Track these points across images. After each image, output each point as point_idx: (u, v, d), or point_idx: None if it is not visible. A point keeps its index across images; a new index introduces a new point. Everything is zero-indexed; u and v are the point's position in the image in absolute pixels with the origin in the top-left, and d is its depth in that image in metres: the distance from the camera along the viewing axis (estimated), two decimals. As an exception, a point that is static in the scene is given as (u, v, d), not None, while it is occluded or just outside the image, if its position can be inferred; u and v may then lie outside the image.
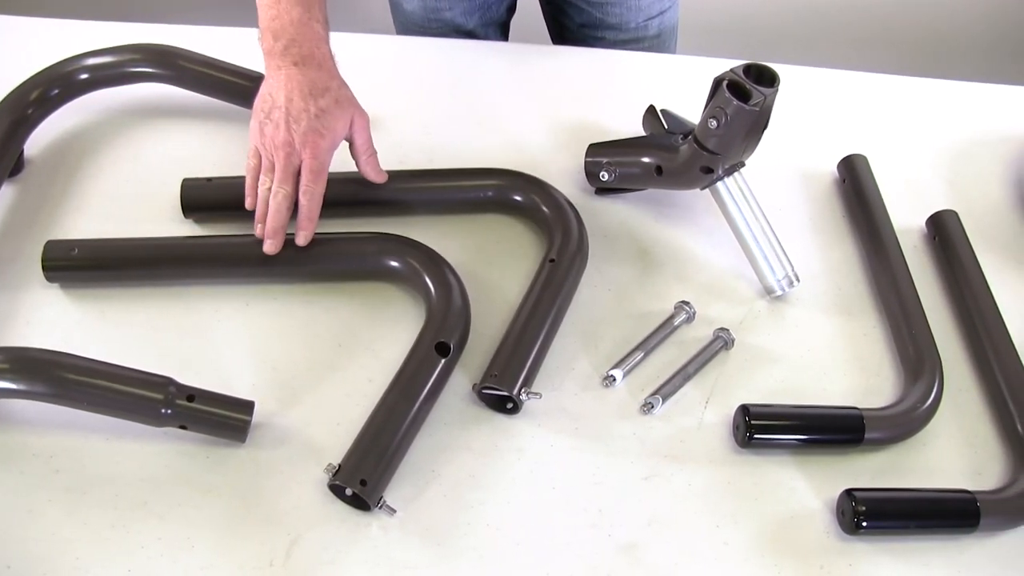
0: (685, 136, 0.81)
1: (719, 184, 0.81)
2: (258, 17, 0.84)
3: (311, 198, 0.80)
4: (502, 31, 1.25)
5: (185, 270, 0.80)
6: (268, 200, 0.80)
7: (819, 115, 1.04)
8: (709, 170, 0.80)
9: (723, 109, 0.75)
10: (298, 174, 0.80)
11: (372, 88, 0.98)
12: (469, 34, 1.18)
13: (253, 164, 0.82)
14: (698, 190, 0.83)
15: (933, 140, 1.03)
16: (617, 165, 0.85)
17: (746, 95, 0.75)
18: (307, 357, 0.78)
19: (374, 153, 0.84)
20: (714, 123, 0.76)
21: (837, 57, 1.25)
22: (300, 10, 0.82)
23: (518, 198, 0.84)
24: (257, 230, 0.81)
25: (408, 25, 1.19)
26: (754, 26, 1.78)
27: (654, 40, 1.19)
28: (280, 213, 0.80)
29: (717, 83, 0.76)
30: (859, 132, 1.02)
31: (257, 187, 0.82)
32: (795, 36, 1.26)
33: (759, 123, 0.77)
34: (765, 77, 0.77)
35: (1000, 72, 1.23)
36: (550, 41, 1.27)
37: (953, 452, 0.78)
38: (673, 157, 0.82)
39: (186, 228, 0.86)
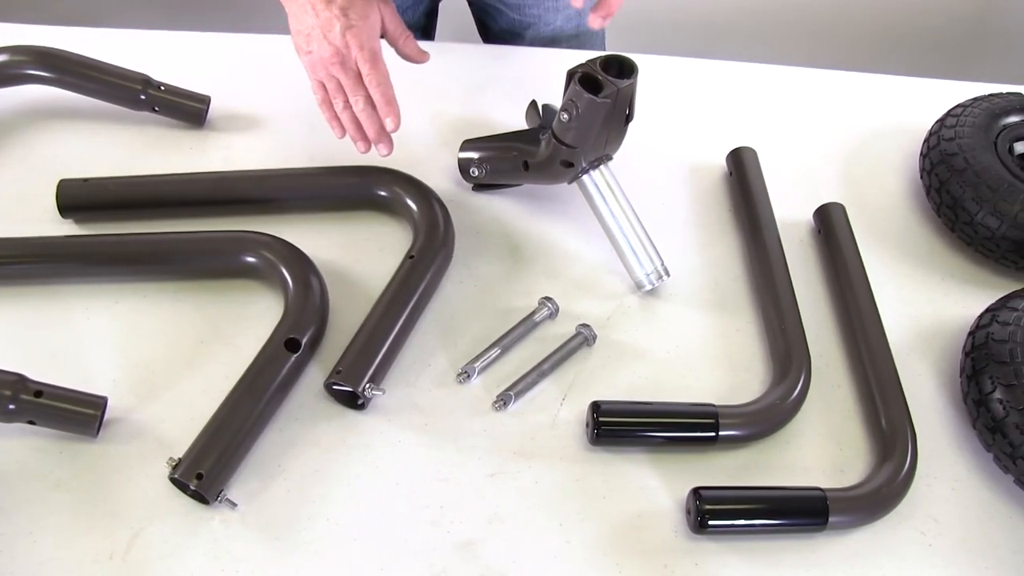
0: (548, 131, 0.81)
1: (584, 178, 0.81)
2: None
3: (379, 84, 0.81)
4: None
5: (55, 268, 0.81)
6: (352, 117, 0.82)
7: (716, 108, 1.03)
8: (570, 164, 0.79)
9: (575, 102, 0.74)
10: (360, 78, 0.82)
11: (256, 88, 1.00)
12: None
13: (321, 97, 0.84)
14: (567, 184, 0.83)
15: (832, 132, 1.02)
16: (487, 161, 0.85)
17: (600, 87, 0.75)
18: (169, 354, 0.79)
19: (410, 35, 0.86)
20: (566, 116, 0.75)
21: (740, 50, 1.23)
22: None
23: (383, 193, 0.84)
24: (360, 149, 0.84)
25: None
26: (661, 20, 1.77)
27: (572, 39, 1.18)
28: (370, 116, 0.82)
29: (570, 76, 0.75)
30: (757, 125, 1.01)
31: (337, 115, 0.84)
32: (697, 29, 1.25)
33: (615, 115, 0.76)
34: (625, 69, 0.76)
35: (906, 64, 1.20)
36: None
37: (818, 449, 0.77)
38: (536, 152, 0.81)
39: (67, 228, 0.87)
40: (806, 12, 1.85)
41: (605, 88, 0.74)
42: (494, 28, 1.21)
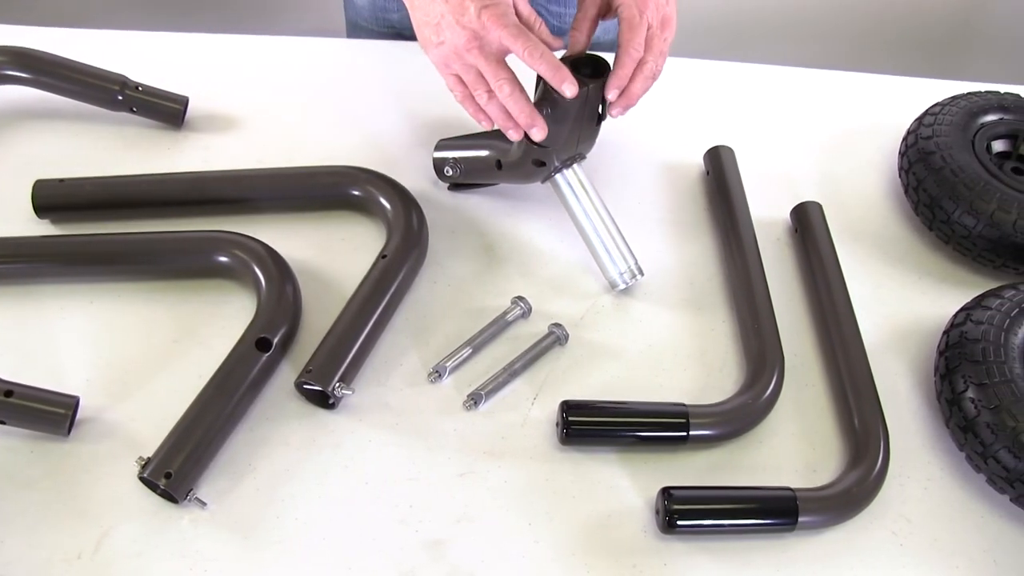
0: (520, 130, 0.80)
1: (557, 177, 0.81)
2: None
3: (541, 56, 0.73)
4: None
5: (30, 268, 0.81)
6: (500, 107, 0.76)
7: (695, 106, 1.03)
8: (542, 163, 0.79)
9: (545, 101, 0.74)
10: (503, 59, 0.76)
11: (235, 88, 1.00)
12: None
13: (461, 93, 0.79)
14: (540, 183, 0.83)
15: (812, 131, 1.01)
16: (461, 160, 0.85)
17: (571, 87, 0.74)
18: (143, 353, 0.79)
19: (542, 22, 0.78)
20: (536, 115, 0.75)
21: (720, 48, 1.23)
22: None
23: (357, 193, 0.85)
24: (512, 136, 0.78)
25: (357, 21, 1.17)
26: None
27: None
28: (518, 101, 0.75)
29: (540, 76, 0.75)
30: (736, 123, 1.01)
31: (483, 108, 0.78)
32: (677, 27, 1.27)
33: (586, 115, 0.76)
34: (599, 68, 0.76)
35: (892, 63, 1.20)
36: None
37: (791, 449, 0.76)
38: (509, 151, 0.81)
39: (43, 229, 0.87)
40: (787, 11, 1.85)
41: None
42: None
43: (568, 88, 0.72)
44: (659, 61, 0.76)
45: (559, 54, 0.78)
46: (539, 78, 0.76)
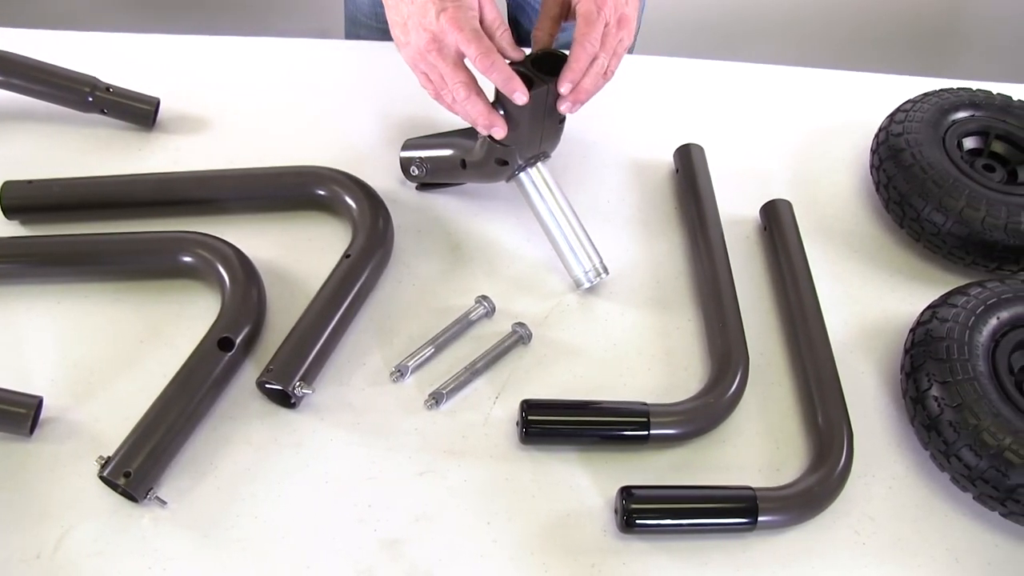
0: (485, 128, 0.80)
1: (521, 176, 0.80)
2: None
3: (492, 65, 0.73)
4: None
5: (-4, 270, 0.82)
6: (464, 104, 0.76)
7: (666, 104, 1.03)
8: (504, 162, 0.79)
9: (503, 100, 0.74)
10: (461, 61, 0.76)
11: (206, 89, 1.00)
12: None
13: (431, 90, 0.79)
14: (505, 182, 0.83)
15: (786, 129, 1.01)
16: (427, 160, 0.85)
17: (530, 85, 0.74)
18: (109, 353, 0.79)
19: (507, 27, 0.78)
20: (497, 115, 0.75)
21: (692, 46, 1.23)
22: None
23: (322, 193, 0.85)
24: (482, 132, 0.77)
25: (357, 17, 1.17)
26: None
27: None
28: (475, 104, 0.76)
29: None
30: (709, 122, 1.00)
31: (451, 107, 0.78)
32: (647, 25, 1.24)
33: (547, 113, 0.76)
34: (561, 65, 0.76)
35: (864, 60, 1.19)
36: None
37: (755, 448, 0.76)
38: (473, 150, 0.81)
39: (12, 230, 0.87)
40: (765, 9, 1.84)
41: (534, 86, 0.73)
42: (527, 27, 1.19)
43: (519, 97, 0.73)
44: (612, 60, 0.76)
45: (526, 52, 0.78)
46: (500, 73, 0.76)
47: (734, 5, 1.83)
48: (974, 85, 0.96)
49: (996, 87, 0.97)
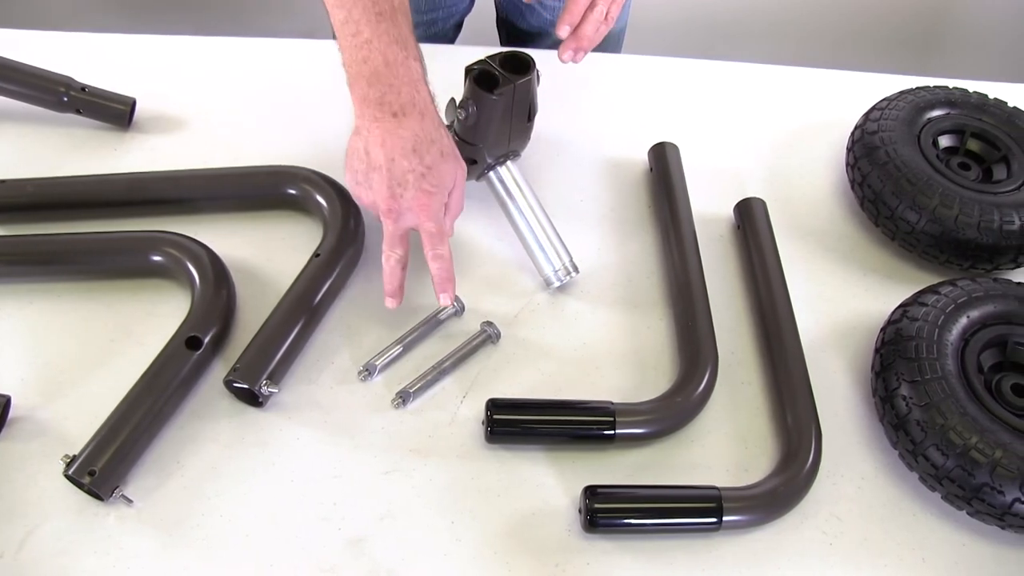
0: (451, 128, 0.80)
1: (490, 174, 0.81)
2: (341, 55, 0.74)
3: (441, 261, 0.75)
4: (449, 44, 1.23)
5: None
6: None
7: (641, 103, 1.02)
8: (473, 161, 0.79)
9: (470, 99, 0.74)
10: (407, 235, 0.76)
11: (182, 90, 1.00)
12: None
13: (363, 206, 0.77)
14: (475, 181, 0.83)
15: (762, 127, 1.01)
16: (398, 159, 0.85)
17: (497, 84, 0.74)
18: (79, 352, 0.79)
19: (452, 230, 0.78)
20: (463, 113, 0.75)
21: (667, 45, 1.23)
22: (396, 49, 0.71)
23: (293, 192, 0.85)
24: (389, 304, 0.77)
25: None
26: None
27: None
28: (394, 275, 0.76)
29: (467, 73, 0.75)
30: (685, 120, 1.00)
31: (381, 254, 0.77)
32: (631, 24, 1.25)
33: (515, 112, 0.76)
34: (523, 65, 0.76)
35: (836, 58, 1.19)
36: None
37: (723, 447, 0.76)
38: (442, 150, 0.81)
39: (-12, 228, 0.89)
40: (745, 7, 1.83)
41: (500, 85, 0.73)
42: (521, 26, 1.20)
43: (444, 299, 0.75)
44: (612, 6, 0.73)
45: (488, 52, 0.77)
46: (467, 74, 0.76)
47: (710, 4, 1.82)
48: (951, 83, 0.95)
49: (972, 85, 0.97)
